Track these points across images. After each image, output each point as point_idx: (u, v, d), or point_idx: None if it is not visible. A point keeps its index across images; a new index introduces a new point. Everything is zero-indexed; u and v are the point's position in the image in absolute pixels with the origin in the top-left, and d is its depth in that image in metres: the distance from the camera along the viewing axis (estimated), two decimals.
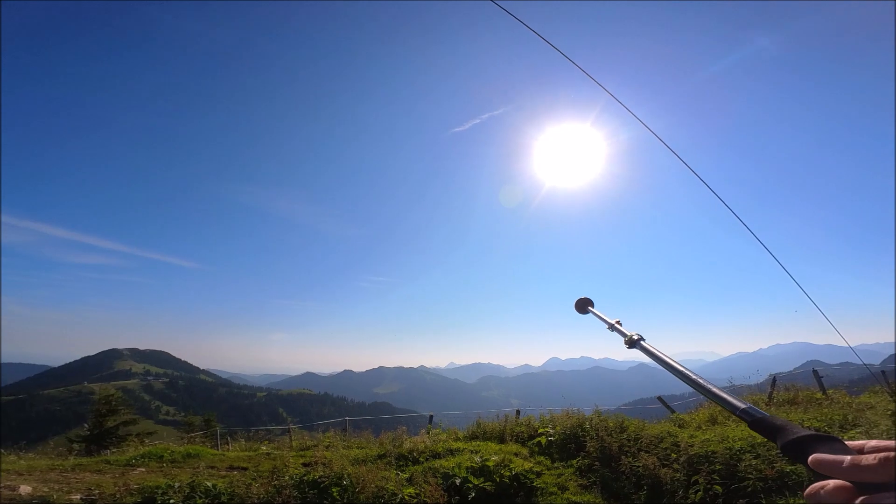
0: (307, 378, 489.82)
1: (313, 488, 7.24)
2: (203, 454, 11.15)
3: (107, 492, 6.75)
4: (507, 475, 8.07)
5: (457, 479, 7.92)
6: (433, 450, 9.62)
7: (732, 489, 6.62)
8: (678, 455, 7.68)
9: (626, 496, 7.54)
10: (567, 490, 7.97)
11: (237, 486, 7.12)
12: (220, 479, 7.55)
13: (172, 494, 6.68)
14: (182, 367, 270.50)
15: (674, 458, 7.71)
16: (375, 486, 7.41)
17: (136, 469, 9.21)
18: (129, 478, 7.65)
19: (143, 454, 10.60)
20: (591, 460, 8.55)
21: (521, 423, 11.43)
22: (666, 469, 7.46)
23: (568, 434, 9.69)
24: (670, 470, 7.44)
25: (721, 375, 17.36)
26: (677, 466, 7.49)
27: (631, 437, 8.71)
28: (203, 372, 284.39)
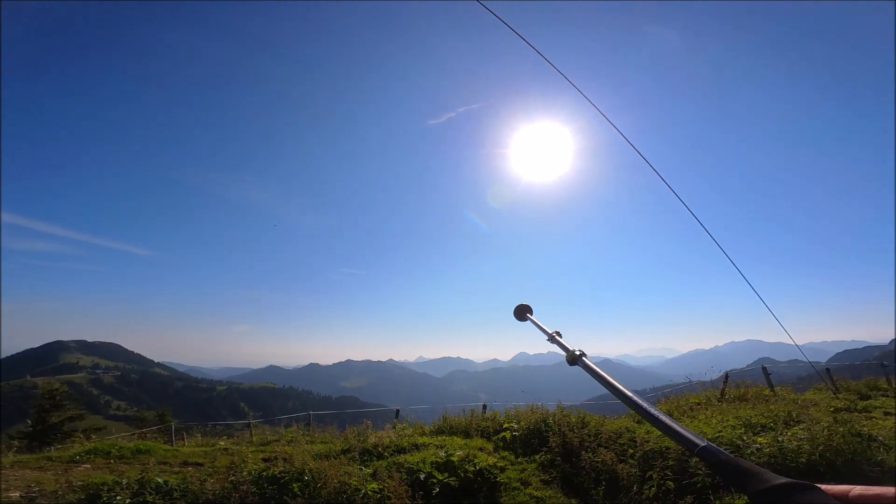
0: (271, 371, 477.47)
1: (273, 484, 7.03)
2: (155, 450, 10.65)
3: (48, 489, 6.34)
4: (472, 470, 8.11)
5: (421, 474, 7.90)
6: (398, 444, 9.55)
7: (684, 485, 6.76)
8: (635, 450, 7.89)
9: (586, 491, 7.68)
10: (529, 485, 8.08)
11: (191, 482, 6.83)
12: (172, 475, 7.22)
13: (119, 491, 6.32)
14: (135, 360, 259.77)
15: (630, 453, 7.91)
16: (338, 481, 7.28)
17: (81, 466, 8.70)
18: (72, 474, 7.20)
19: (88, 450, 10.03)
20: (553, 455, 8.66)
21: (486, 417, 11.54)
22: (623, 464, 7.63)
23: (532, 429, 9.81)
24: (627, 465, 7.60)
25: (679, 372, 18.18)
26: (633, 462, 7.66)
27: (591, 433, 8.88)
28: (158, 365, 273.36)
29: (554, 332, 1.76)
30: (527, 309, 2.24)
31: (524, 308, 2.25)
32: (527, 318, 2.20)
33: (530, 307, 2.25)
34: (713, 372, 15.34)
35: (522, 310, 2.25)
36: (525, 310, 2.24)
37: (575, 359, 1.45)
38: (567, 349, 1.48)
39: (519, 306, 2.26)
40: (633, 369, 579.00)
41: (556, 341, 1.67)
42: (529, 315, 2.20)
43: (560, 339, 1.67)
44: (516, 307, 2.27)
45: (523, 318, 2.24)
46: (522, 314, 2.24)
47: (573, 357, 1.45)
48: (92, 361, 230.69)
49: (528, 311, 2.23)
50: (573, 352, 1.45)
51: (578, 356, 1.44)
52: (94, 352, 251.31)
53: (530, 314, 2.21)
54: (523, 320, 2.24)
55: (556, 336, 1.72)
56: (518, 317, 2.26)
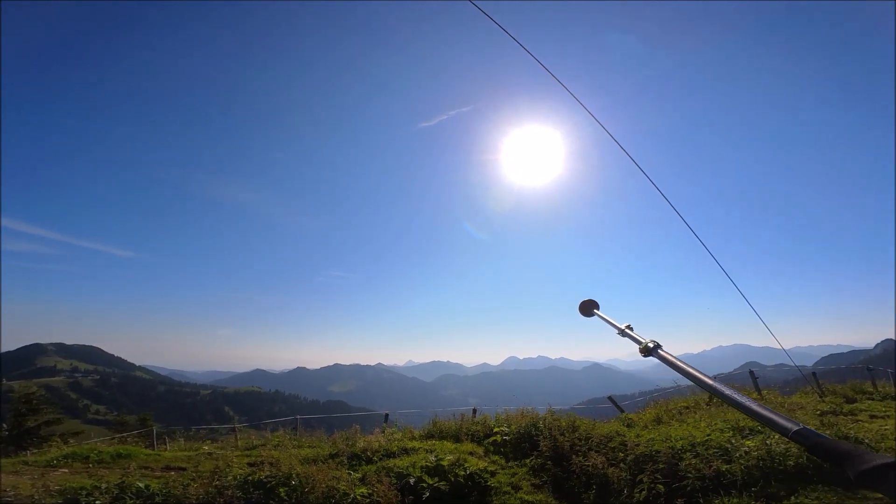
0: (257, 375, 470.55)
1: (259, 489, 6.88)
2: (135, 454, 10.37)
3: (24, 493, 6.11)
4: (462, 474, 8.05)
5: (411, 478, 7.81)
6: (388, 449, 9.44)
7: (673, 488, 6.76)
8: (625, 454, 7.91)
9: (576, 495, 7.67)
10: (520, 489, 8.05)
11: (173, 487, 6.64)
12: (153, 480, 7.02)
13: (98, 496, 6.12)
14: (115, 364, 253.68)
15: (621, 457, 7.92)
16: (326, 485, 7.16)
17: (59, 470, 8.42)
18: (49, 479, 6.95)
19: (66, 454, 9.73)
20: (543, 459, 8.66)
21: (477, 422, 11.48)
22: (613, 468, 7.64)
23: (522, 433, 9.80)
24: (617, 469, 7.62)
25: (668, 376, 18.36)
26: (624, 466, 7.67)
27: (582, 437, 8.90)
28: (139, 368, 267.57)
29: (625, 325, 1.75)
30: (593, 304, 2.16)
31: (590, 303, 2.16)
32: (594, 313, 2.13)
33: (597, 302, 2.16)
34: None
35: (588, 305, 2.16)
36: (591, 305, 2.16)
37: (649, 350, 1.45)
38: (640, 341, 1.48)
39: (585, 301, 2.17)
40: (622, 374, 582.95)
41: (628, 335, 1.67)
42: (596, 310, 2.12)
43: (632, 333, 1.66)
44: (581, 303, 2.18)
45: (590, 313, 2.15)
46: (589, 310, 2.16)
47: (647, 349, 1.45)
48: (70, 365, 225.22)
49: (594, 307, 2.15)
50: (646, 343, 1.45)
51: (653, 348, 1.44)
52: (72, 355, 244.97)
53: (597, 309, 2.13)
54: (589, 316, 2.15)
55: (627, 330, 1.71)
56: (584, 312, 2.17)
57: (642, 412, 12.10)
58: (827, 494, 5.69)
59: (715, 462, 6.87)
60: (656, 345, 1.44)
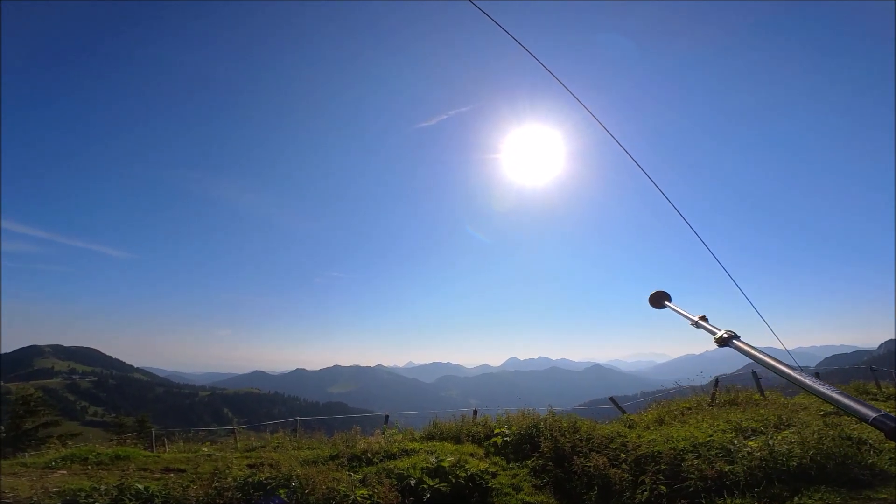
0: (256, 377, 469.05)
1: (259, 490, 6.85)
2: (134, 456, 10.32)
3: (23, 495, 6.07)
4: (463, 476, 8.02)
5: (412, 479, 7.78)
6: (388, 450, 9.41)
7: (675, 489, 6.78)
8: (626, 455, 7.91)
9: (578, 496, 7.65)
10: (521, 490, 8.02)
11: (173, 489, 6.61)
12: (153, 482, 6.98)
13: (98, 497, 6.08)
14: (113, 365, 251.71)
15: (623, 458, 7.91)
16: (326, 487, 7.12)
17: (57, 472, 8.37)
18: (48, 480, 6.91)
19: (64, 456, 9.68)
20: (544, 460, 8.64)
21: (477, 423, 11.45)
22: (615, 469, 7.63)
23: (523, 434, 9.77)
24: (619, 470, 7.62)
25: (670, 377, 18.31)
26: (625, 466, 7.67)
27: (583, 438, 8.88)
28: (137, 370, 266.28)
29: (699, 316, 1.72)
30: (664, 296, 2.10)
31: (661, 295, 2.11)
32: (665, 305, 2.08)
33: (668, 294, 2.10)
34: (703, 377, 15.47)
35: (659, 297, 2.11)
36: (662, 297, 2.10)
37: (725, 341, 1.43)
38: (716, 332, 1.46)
39: (655, 293, 2.12)
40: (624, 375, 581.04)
41: (702, 326, 1.65)
42: (668, 302, 2.08)
43: (706, 324, 1.64)
44: (652, 294, 2.13)
45: (661, 305, 2.10)
46: (659, 301, 2.11)
47: (722, 339, 1.43)
48: (68, 366, 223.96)
49: (666, 299, 2.10)
50: (721, 334, 1.43)
51: (728, 338, 1.42)
52: (70, 357, 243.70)
53: (669, 301, 2.08)
54: (661, 308, 2.10)
55: (700, 321, 1.68)
56: (654, 304, 2.12)
57: (644, 413, 12.06)
58: (830, 495, 5.67)
59: (717, 463, 6.86)
60: (732, 334, 1.42)
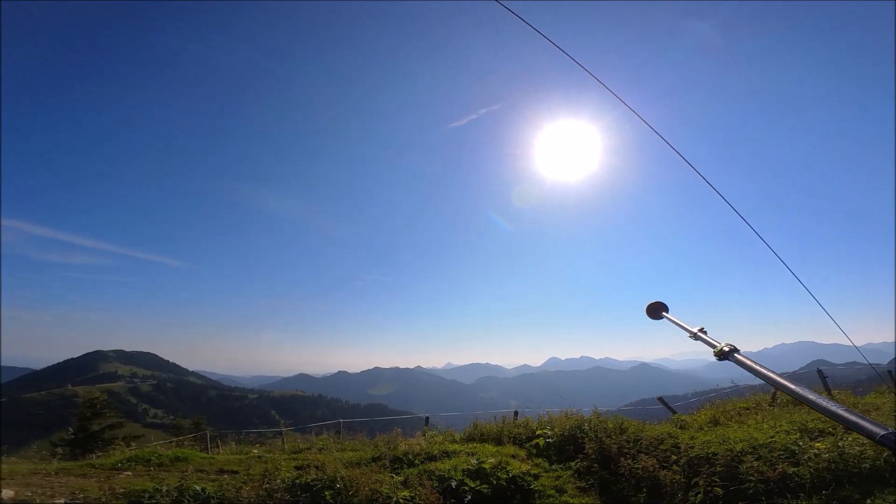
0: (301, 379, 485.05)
1: (305, 491, 7.05)
2: (192, 457, 10.89)
3: (92, 496, 6.52)
4: (504, 477, 7.94)
5: (452, 481, 7.78)
6: (429, 452, 9.45)
7: (732, 491, 6.51)
8: (678, 457, 7.59)
9: (625, 498, 7.43)
10: (565, 492, 7.84)
11: (227, 490, 6.91)
12: (209, 483, 7.33)
13: (160, 498, 6.45)
14: (170, 369, 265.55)
15: (674, 459, 7.61)
16: (369, 489, 7.24)
17: (123, 473, 8.94)
18: (114, 482, 7.40)
19: (129, 458, 10.33)
20: (589, 462, 8.43)
21: (518, 424, 11.30)
22: (666, 471, 7.36)
23: (566, 435, 9.57)
24: (670, 472, 7.34)
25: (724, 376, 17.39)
26: (677, 468, 7.39)
27: (630, 439, 8.61)
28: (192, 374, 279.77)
29: (698, 329, 1.69)
30: (662, 307, 2.09)
31: (658, 306, 2.10)
32: (662, 316, 2.06)
33: (665, 304, 2.09)
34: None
35: (656, 307, 2.09)
36: (660, 307, 2.09)
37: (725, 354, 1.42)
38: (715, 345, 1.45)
39: (652, 304, 2.11)
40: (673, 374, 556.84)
41: (701, 338, 1.63)
42: (665, 313, 2.06)
43: (705, 336, 1.62)
44: (649, 305, 2.11)
45: (658, 316, 2.08)
46: (657, 312, 2.09)
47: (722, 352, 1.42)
48: (130, 370, 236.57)
49: (663, 309, 2.08)
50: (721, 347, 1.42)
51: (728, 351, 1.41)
52: (131, 361, 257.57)
53: (666, 312, 2.06)
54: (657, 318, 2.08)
55: (699, 333, 1.66)
56: (652, 315, 2.11)
57: (696, 413, 11.44)
58: None
59: (780, 464, 6.47)
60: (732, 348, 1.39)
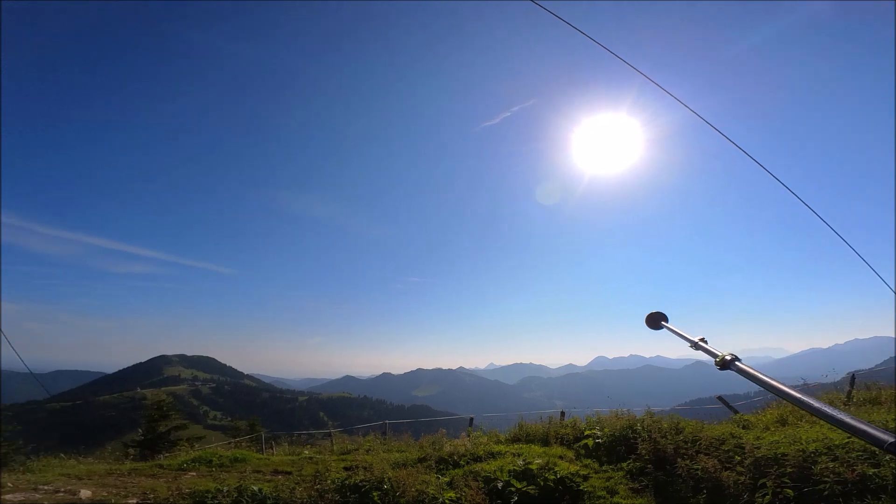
0: (346, 381, 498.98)
1: (354, 492, 7.20)
2: (249, 458, 11.41)
3: (161, 496, 6.94)
4: (552, 478, 7.77)
5: (499, 482, 7.71)
6: (474, 453, 9.41)
7: (805, 493, 6.06)
8: (743, 457, 7.14)
9: (683, 500, 7.10)
10: (617, 493, 7.58)
11: (282, 490, 7.18)
12: (265, 484, 7.64)
13: (221, 498, 6.80)
14: (227, 373, 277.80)
15: (737, 460, 7.17)
16: (416, 489, 7.29)
17: (188, 473, 9.50)
18: (181, 482, 7.87)
19: (193, 458, 10.93)
20: (643, 463, 8.10)
21: (565, 424, 11.03)
22: (729, 472, 6.95)
23: (617, 436, 9.26)
24: (733, 473, 6.92)
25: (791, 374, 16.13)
26: (741, 469, 6.97)
27: (688, 439, 8.19)
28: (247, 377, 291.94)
29: (699, 338, 1.68)
30: (661, 317, 2.09)
31: (658, 316, 2.09)
32: (662, 326, 2.05)
33: (665, 315, 2.09)
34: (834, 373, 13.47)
35: (656, 318, 2.09)
36: (659, 318, 2.08)
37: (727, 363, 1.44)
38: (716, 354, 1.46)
39: (651, 314, 2.11)
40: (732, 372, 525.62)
41: (702, 347, 1.64)
42: (665, 323, 2.05)
43: (706, 346, 1.63)
44: (648, 315, 2.12)
45: (657, 326, 2.08)
46: (656, 322, 2.09)
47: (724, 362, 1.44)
48: (191, 374, 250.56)
49: (662, 319, 2.08)
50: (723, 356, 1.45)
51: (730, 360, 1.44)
52: (192, 365, 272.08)
53: (665, 322, 2.06)
54: (657, 328, 2.08)
55: (700, 343, 1.66)
56: (651, 325, 2.11)
57: (761, 413, 10.64)
58: None
59: (859, 465, 5.93)
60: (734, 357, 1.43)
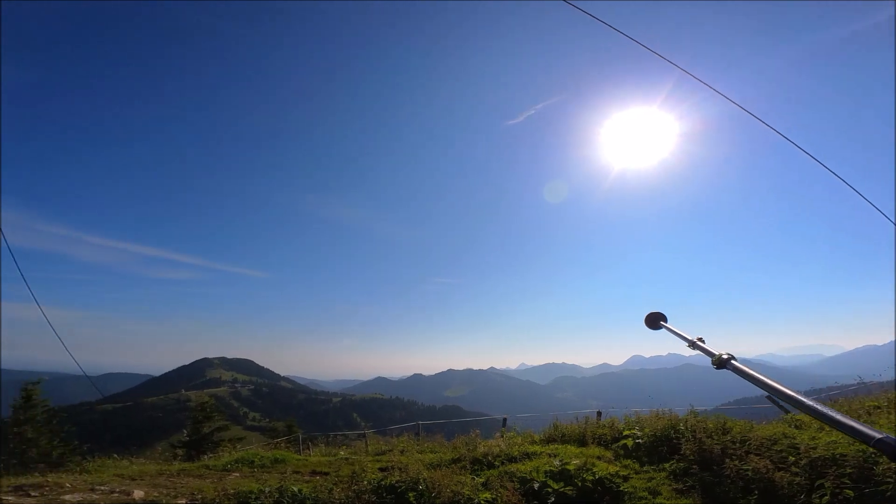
0: (378, 382, 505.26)
1: (391, 493, 7.25)
2: (288, 459, 11.69)
3: (208, 496, 7.15)
4: (590, 479, 7.59)
5: (535, 483, 7.59)
6: (508, 453, 9.30)
7: (867, 493, 5.75)
8: (797, 458, 6.76)
9: (732, 501, 6.82)
10: (659, 494, 7.32)
11: (320, 491, 7.31)
12: (304, 484, 7.79)
13: (264, 499, 6.98)
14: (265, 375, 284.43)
15: (792, 461, 6.80)
16: (451, 490, 7.27)
17: (232, 474, 9.80)
18: (226, 482, 8.12)
19: (236, 459, 11.28)
20: (687, 464, 7.81)
21: (602, 424, 10.77)
22: (782, 473, 6.60)
23: (658, 436, 8.98)
24: (788, 473, 6.57)
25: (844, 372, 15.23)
26: (796, 469, 6.61)
27: (736, 439, 7.85)
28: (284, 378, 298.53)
29: (696, 338, 1.73)
30: (660, 317, 2.14)
31: (657, 316, 2.15)
32: (661, 326, 2.11)
33: (664, 314, 2.14)
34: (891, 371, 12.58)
35: (655, 318, 2.15)
36: (658, 318, 2.14)
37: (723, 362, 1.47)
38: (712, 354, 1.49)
39: (651, 314, 2.17)
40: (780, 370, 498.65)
41: (699, 347, 1.67)
42: (664, 323, 2.11)
43: (703, 345, 1.66)
44: (647, 315, 2.18)
45: (656, 326, 2.13)
46: (655, 322, 2.14)
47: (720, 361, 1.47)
48: (231, 376, 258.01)
49: (661, 319, 2.13)
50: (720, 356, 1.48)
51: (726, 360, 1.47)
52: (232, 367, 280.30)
53: (664, 322, 2.12)
54: (656, 328, 2.13)
55: (697, 342, 1.70)
56: (650, 325, 2.16)
57: None
58: None
59: None
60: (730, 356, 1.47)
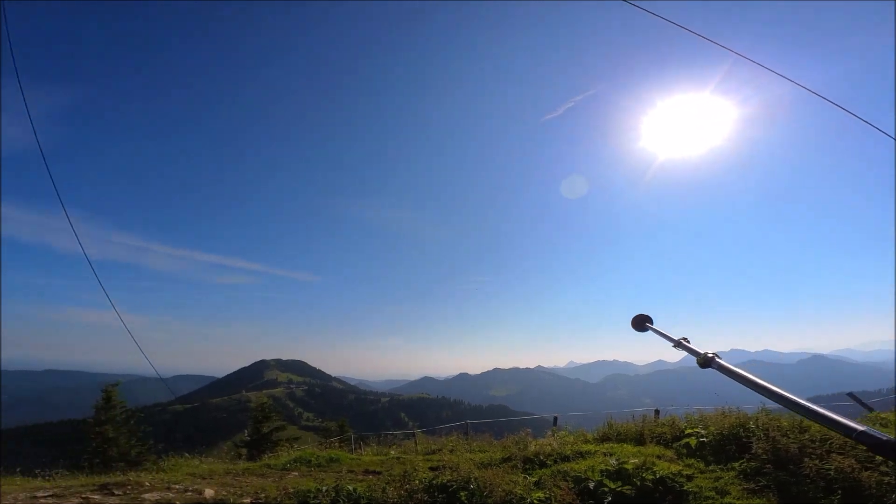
0: (425, 382, 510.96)
1: (442, 492, 7.26)
2: (342, 459, 12.01)
3: (271, 495, 7.47)
4: (650, 478, 7.24)
5: (590, 482, 7.35)
6: (561, 452, 9.07)
7: None
8: None
9: (812, 501, 6.34)
10: (728, 494, 6.89)
11: (374, 490, 7.44)
12: (358, 483, 7.98)
13: (321, 498, 7.20)
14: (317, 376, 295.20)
15: (879, 460, 6.21)
16: (503, 489, 7.18)
17: (291, 473, 10.21)
18: (286, 481, 8.46)
19: (294, 458, 11.71)
20: (759, 463, 7.32)
21: (662, 423, 10.30)
22: (870, 472, 6.10)
23: (726, 434, 8.52)
24: (875, 473, 6.05)
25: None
26: (885, 469, 6.06)
27: (816, 438, 7.33)
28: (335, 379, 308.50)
29: (681, 338, 1.75)
30: (646, 319, 2.17)
31: (643, 318, 2.17)
32: (647, 328, 2.13)
33: (650, 317, 2.16)
34: None
35: (641, 320, 2.17)
36: (644, 320, 2.17)
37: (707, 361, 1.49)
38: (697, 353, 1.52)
39: (637, 317, 2.18)
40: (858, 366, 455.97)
41: (684, 347, 1.69)
42: (650, 325, 2.13)
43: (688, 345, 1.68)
44: (634, 318, 2.20)
45: (643, 328, 2.16)
46: (641, 325, 2.17)
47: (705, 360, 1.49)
48: (287, 377, 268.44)
49: (647, 321, 2.16)
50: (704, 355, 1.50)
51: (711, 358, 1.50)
52: (287, 368, 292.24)
53: (650, 324, 2.14)
54: (643, 331, 2.16)
55: (682, 342, 1.72)
56: (637, 328, 2.19)
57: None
58: None
59: None
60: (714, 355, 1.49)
